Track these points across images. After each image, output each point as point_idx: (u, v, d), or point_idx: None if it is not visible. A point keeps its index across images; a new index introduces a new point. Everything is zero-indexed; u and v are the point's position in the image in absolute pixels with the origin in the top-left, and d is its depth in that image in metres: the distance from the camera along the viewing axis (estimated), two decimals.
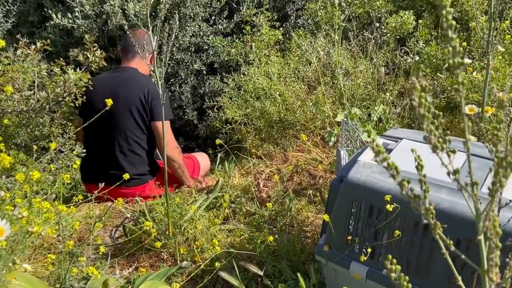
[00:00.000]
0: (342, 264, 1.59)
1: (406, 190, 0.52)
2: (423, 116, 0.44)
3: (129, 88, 2.63)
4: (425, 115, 0.44)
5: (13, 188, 1.92)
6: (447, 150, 0.49)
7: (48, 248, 2.07)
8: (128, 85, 2.64)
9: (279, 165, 2.87)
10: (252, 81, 3.19)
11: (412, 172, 1.06)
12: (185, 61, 3.82)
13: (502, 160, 0.42)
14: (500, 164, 0.43)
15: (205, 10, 3.73)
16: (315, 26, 3.55)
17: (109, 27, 3.62)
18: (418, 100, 0.43)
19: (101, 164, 2.72)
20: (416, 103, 0.43)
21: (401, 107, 2.79)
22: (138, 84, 2.64)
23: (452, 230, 1.32)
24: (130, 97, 2.61)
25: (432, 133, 0.45)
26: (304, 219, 2.32)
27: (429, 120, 0.44)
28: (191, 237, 2.13)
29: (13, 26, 3.76)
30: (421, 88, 0.44)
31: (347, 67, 2.99)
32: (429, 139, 0.46)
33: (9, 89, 1.75)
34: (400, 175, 0.52)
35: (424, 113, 0.43)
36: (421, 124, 0.44)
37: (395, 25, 2.99)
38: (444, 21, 0.46)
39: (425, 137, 0.46)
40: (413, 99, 0.43)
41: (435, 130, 0.45)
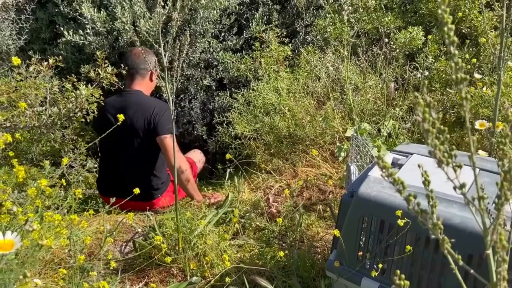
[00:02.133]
0: (353, 280, 1.58)
1: (413, 205, 0.52)
2: (427, 131, 0.44)
3: (134, 112, 2.70)
4: (429, 130, 0.44)
5: (25, 203, 1.93)
6: (454, 165, 0.49)
7: (58, 263, 2.08)
8: (133, 110, 2.71)
9: (288, 180, 2.87)
10: (261, 97, 3.21)
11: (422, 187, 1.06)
12: (195, 77, 3.85)
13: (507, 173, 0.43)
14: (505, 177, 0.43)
15: (215, 27, 3.77)
16: (324, 42, 3.58)
17: (120, 44, 3.66)
18: (422, 115, 0.44)
19: (114, 180, 2.82)
20: (420, 118, 0.44)
21: (411, 122, 2.79)
22: (142, 108, 2.71)
23: (463, 246, 1.32)
24: (136, 122, 2.70)
25: (437, 147, 0.46)
26: (314, 235, 2.31)
27: (433, 135, 0.45)
28: (201, 252, 2.13)
29: (25, 43, 3.83)
30: (425, 103, 0.44)
31: (356, 82, 3.00)
32: (434, 154, 0.46)
33: (23, 105, 1.78)
34: (406, 190, 0.52)
35: (428, 128, 0.44)
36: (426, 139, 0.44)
37: (404, 40, 3.00)
38: (446, 37, 0.47)
39: (430, 152, 0.47)
40: (417, 114, 0.44)
41: (440, 145, 0.45)
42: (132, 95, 2.78)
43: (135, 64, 2.77)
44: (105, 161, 2.90)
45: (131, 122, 2.69)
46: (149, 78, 2.84)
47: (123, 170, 2.79)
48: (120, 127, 2.40)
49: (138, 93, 2.79)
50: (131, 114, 2.69)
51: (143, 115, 2.70)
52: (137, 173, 2.79)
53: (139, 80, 2.81)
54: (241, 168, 2.83)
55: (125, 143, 2.75)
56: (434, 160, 0.50)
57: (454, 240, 0.53)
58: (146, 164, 2.79)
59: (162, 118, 2.69)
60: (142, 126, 2.70)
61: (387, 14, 3.40)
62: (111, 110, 2.75)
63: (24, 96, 2.59)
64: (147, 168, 2.80)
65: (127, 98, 2.77)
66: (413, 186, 1.25)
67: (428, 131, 0.44)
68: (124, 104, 2.73)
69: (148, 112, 2.69)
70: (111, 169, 2.86)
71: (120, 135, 2.61)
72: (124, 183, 2.67)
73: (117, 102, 2.78)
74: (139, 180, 2.69)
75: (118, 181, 2.78)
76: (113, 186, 2.79)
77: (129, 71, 2.80)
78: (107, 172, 2.87)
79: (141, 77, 2.81)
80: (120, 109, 2.67)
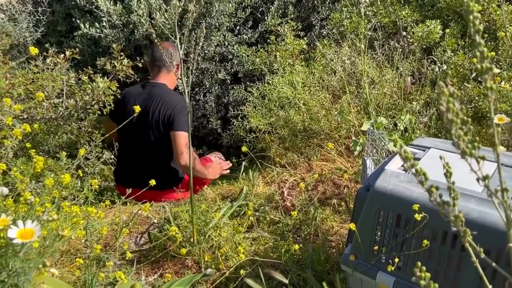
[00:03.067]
0: (368, 274, 1.57)
1: (435, 197, 0.51)
2: (451, 121, 0.44)
3: (158, 105, 2.75)
4: (453, 120, 0.43)
5: (42, 193, 1.95)
6: (477, 157, 0.48)
7: (74, 254, 2.10)
8: (157, 103, 2.75)
9: (303, 174, 2.86)
10: (276, 90, 3.21)
11: (440, 181, 1.04)
12: (209, 70, 3.85)
13: None
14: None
15: (230, 20, 3.77)
16: (339, 36, 3.55)
17: (136, 37, 3.68)
18: (446, 105, 0.43)
19: (131, 170, 2.88)
20: (444, 108, 0.43)
21: (428, 116, 2.76)
22: (165, 101, 2.76)
23: (481, 241, 1.30)
24: (158, 114, 2.74)
25: (461, 138, 0.45)
26: (329, 229, 2.31)
27: (457, 125, 0.44)
28: (216, 245, 2.14)
29: (42, 36, 3.86)
30: (449, 93, 0.44)
31: (373, 76, 2.98)
32: (458, 145, 0.46)
33: (41, 95, 1.80)
34: (428, 181, 0.52)
35: (452, 118, 0.43)
36: (449, 130, 0.43)
37: (421, 34, 2.97)
38: (471, 26, 0.46)
39: (453, 143, 0.46)
40: (441, 104, 0.43)
41: (463, 136, 0.45)
42: (157, 88, 2.82)
43: (163, 57, 2.74)
44: (123, 151, 2.95)
45: (153, 114, 2.74)
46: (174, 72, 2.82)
47: (141, 160, 2.84)
48: (141, 117, 2.47)
49: (163, 86, 2.84)
50: (154, 106, 2.74)
51: (165, 109, 2.73)
52: (155, 163, 2.83)
53: (164, 74, 2.84)
54: (256, 161, 2.83)
55: (145, 134, 2.79)
56: (457, 152, 0.49)
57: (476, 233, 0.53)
58: (164, 155, 2.83)
59: (180, 115, 2.72)
60: (163, 119, 2.74)
61: (404, 7, 3.37)
62: (133, 100, 2.78)
63: (41, 88, 2.62)
64: (164, 159, 2.84)
65: (152, 90, 2.81)
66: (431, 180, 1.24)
67: (452, 121, 0.44)
68: (148, 95, 2.78)
69: (170, 107, 2.73)
70: (129, 159, 2.90)
71: (141, 125, 2.70)
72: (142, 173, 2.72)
73: (141, 93, 2.82)
74: (156, 171, 2.76)
75: (135, 171, 2.83)
76: (131, 176, 2.83)
77: (155, 63, 2.84)
78: (125, 162, 2.92)
79: (166, 70, 2.85)
80: (144, 100, 2.75)
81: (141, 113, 2.43)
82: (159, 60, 2.82)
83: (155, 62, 2.84)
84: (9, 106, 2.05)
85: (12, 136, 1.64)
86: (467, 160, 0.47)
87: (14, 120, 2.32)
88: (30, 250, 1.26)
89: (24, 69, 2.81)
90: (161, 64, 2.83)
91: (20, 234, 1.14)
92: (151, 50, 2.88)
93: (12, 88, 2.43)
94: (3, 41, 2.91)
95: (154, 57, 2.83)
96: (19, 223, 1.17)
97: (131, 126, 2.41)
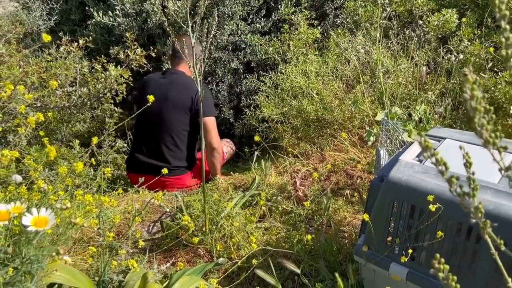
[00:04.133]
0: (381, 265, 1.56)
1: (455, 187, 0.50)
2: (475, 109, 0.42)
3: (178, 90, 2.88)
4: (477, 108, 0.42)
5: (55, 181, 1.96)
6: (498, 146, 0.47)
7: (87, 242, 2.11)
8: (178, 88, 2.89)
9: (316, 164, 2.85)
10: (289, 80, 3.18)
11: (456, 172, 1.03)
12: (222, 59, 3.83)
13: None
14: None
15: (243, 9, 3.74)
16: (354, 25, 3.51)
17: (149, 25, 3.67)
18: (470, 93, 0.41)
19: (147, 156, 2.94)
20: (468, 96, 0.42)
21: (443, 107, 2.72)
22: (186, 87, 2.89)
23: (496, 232, 1.28)
24: (179, 99, 2.87)
25: (484, 127, 0.43)
26: (341, 219, 2.29)
27: (481, 113, 0.42)
28: (228, 234, 2.14)
29: (55, 24, 3.87)
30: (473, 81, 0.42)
31: (387, 65, 2.94)
32: (481, 134, 0.44)
33: (54, 84, 1.80)
34: (449, 171, 0.50)
35: (476, 106, 0.42)
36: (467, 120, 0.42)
37: (437, 23, 2.92)
38: (497, 11, 0.44)
39: (476, 132, 0.44)
40: (464, 91, 0.41)
41: (487, 125, 0.43)
42: (177, 75, 2.94)
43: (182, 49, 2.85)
44: (140, 137, 3.02)
45: (173, 98, 2.86)
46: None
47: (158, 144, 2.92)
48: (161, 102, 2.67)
49: (182, 74, 2.96)
50: (176, 91, 2.87)
51: (188, 94, 2.86)
52: (171, 148, 2.92)
53: (184, 64, 2.96)
54: (268, 151, 2.82)
55: (165, 117, 2.88)
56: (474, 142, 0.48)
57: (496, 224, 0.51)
58: (180, 139, 2.93)
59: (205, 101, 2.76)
60: (187, 104, 2.86)
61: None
62: (153, 85, 2.89)
63: (54, 76, 2.62)
64: (180, 143, 2.94)
65: (173, 77, 2.93)
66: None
67: (476, 109, 0.42)
68: (169, 81, 2.90)
69: (193, 92, 2.85)
70: (145, 145, 2.96)
71: (161, 109, 2.82)
72: (157, 157, 2.87)
73: (162, 79, 2.93)
74: (171, 155, 2.90)
75: (150, 156, 2.91)
76: (145, 163, 2.90)
77: (176, 54, 2.97)
78: (140, 149, 2.98)
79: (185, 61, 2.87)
80: (164, 85, 2.87)
81: (161, 98, 2.76)
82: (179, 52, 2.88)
83: (176, 53, 2.96)
84: (23, 94, 2.06)
85: (26, 124, 1.64)
86: (489, 150, 0.45)
87: (28, 108, 2.34)
88: (43, 237, 1.26)
89: (38, 57, 2.82)
90: (181, 56, 2.88)
91: (34, 222, 1.15)
92: (172, 43, 3.03)
93: (25, 76, 2.44)
94: (17, 29, 2.92)
95: (174, 49, 2.96)
96: (33, 211, 1.17)
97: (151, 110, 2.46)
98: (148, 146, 2.94)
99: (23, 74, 2.41)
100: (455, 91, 2.81)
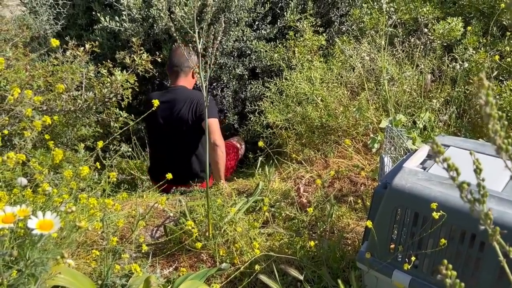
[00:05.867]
0: (384, 272, 1.56)
1: (466, 193, 0.50)
2: (489, 115, 0.42)
3: (181, 106, 2.98)
4: (491, 114, 0.42)
5: (60, 184, 1.97)
6: (511, 153, 0.47)
7: (90, 245, 2.11)
8: (180, 104, 2.99)
9: (319, 171, 2.85)
10: (294, 86, 3.19)
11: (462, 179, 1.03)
12: (227, 65, 3.85)
13: None
14: None
15: (249, 15, 3.75)
16: (359, 32, 3.52)
17: (155, 31, 3.68)
18: (485, 98, 0.42)
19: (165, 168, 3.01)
20: (483, 102, 0.42)
21: (448, 114, 2.72)
22: (189, 100, 2.99)
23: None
24: (184, 113, 2.97)
25: (498, 133, 0.43)
26: (345, 226, 2.29)
27: (495, 119, 0.42)
28: (231, 239, 2.14)
29: (62, 29, 3.89)
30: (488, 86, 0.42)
31: (392, 73, 2.94)
32: (494, 140, 0.44)
33: (61, 87, 1.81)
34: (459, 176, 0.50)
35: (490, 112, 0.42)
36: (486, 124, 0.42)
37: (442, 31, 2.93)
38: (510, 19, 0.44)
39: (490, 138, 0.44)
40: (479, 97, 0.41)
41: (500, 131, 0.43)
42: (178, 91, 3.03)
43: (179, 62, 3.02)
44: (155, 152, 3.20)
45: (179, 114, 2.97)
46: (191, 75, 3.11)
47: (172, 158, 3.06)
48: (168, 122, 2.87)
49: (183, 88, 3.05)
50: (179, 107, 2.97)
51: (190, 106, 2.96)
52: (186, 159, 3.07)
53: (182, 77, 3.05)
54: (272, 157, 2.82)
55: (173, 134, 3.02)
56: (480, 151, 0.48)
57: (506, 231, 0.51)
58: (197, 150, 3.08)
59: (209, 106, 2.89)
60: (191, 116, 2.96)
61: (425, 4, 3.32)
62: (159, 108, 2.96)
63: (60, 80, 2.63)
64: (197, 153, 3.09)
65: (174, 94, 3.02)
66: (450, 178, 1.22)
67: (490, 115, 0.42)
68: (173, 99, 2.99)
69: (194, 103, 2.96)
70: (161, 159, 3.12)
71: (169, 127, 2.98)
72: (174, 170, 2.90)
73: (165, 98, 3.01)
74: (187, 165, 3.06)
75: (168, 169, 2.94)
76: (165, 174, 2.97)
77: (173, 68, 3.05)
78: (158, 162, 3.15)
79: (184, 74, 3.07)
80: (169, 103, 2.97)
81: (168, 118, 2.94)
82: (176, 66, 3.04)
83: (172, 67, 3.05)
84: (29, 98, 2.07)
85: (31, 128, 1.65)
86: (502, 157, 0.45)
87: (34, 112, 2.35)
88: (47, 240, 1.26)
89: (44, 61, 2.83)
90: (178, 70, 3.05)
91: (39, 225, 1.15)
92: (169, 58, 3.09)
93: (32, 80, 2.44)
94: (24, 33, 2.93)
95: (171, 63, 3.04)
96: (38, 214, 1.17)
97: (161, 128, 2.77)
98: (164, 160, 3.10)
99: (29, 78, 2.42)
100: (459, 99, 2.81)
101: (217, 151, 2.95)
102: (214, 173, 3.00)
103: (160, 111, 2.85)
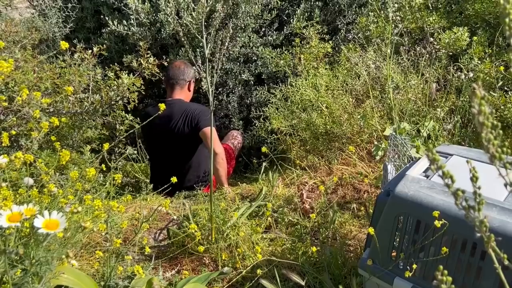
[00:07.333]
0: (386, 279, 1.56)
1: (461, 201, 0.51)
2: (482, 124, 0.43)
3: (179, 118, 3.04)
4: (484, 123, 0.43)
5: (65, 185, 1.99)
6: (505, 162, 0.48)
7: (94, 246, 2.13)
8: (178, 116, 3.04)
9: (323, 177, 2.86)
10: (299, 93, 3.21)
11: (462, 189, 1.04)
12: (233, 71, 3.87)
13: None
14: None
15: (256, 22, 3.78)
16: (365, 40, 3.54)
17: (163, 35, 3.71)
18: (478, 108, 0.43)
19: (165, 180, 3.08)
20: (476, 111, 0.43)
21: (452, 124, 2.73)
22: (185, 113, 3.04)
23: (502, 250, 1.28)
24: (179, 127, 3.03)
25: (491, 142, 0.45)
26: (347, 233, 2.30)
27: (488, 128, 0.44)
28: (233, 244, 2.15)
29: (70, 32, 3.92)
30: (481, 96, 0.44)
31: (397, 81, 2.95)
32: (487, 148, 0.45)
33: (69, 89, 1.83)
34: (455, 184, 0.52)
35: (483, 121, 0.43)
36: (476, 137, 0.43)
37: (448, 41, 2.94)
38: (506, 29, 0.46)
39: (483, 147, 0.46)
40: (473, 106, 0.43)
41: (493, 140, 0.45)
42: (175, 104, 3.06)
43: (175, 75, 3.08)
44: (155, 165, 3.26)
45: (176, 127, 3.02)
46: (187, 88, 3.16)
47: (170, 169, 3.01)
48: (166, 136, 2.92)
49: (179, 101, 3.10)
50: (176, 120, 3.02)
51: (187, 118, 3.01)
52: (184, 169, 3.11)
53: (178, 90, 3.11)
54: (276, 163, 2.84)
55: (172, 147, 3.07)
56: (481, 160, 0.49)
57: (500, 239, 0.52)
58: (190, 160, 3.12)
59: (203, 115, 3.01)
60: (186, 129, 3.01)
61: (431, 13, 3.34)
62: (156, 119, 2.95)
63: (67, 83, 2.66)
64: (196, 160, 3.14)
65: (171, 107, 3.02)
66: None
67: (484, 124, 0.43)
68: (169, 113, 3.00)
69: (189, 115, 3.01)
70: (160, 171, 3.17)
71: (167, 140, 3.03)
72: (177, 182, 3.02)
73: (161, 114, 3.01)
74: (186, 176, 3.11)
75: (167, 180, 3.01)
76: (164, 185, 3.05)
77: (169, 81, 3.11)
78: (157, 174, 3.19)
79: (180, 87, 3.12)
80: (166, 117, 2.99)
81: (165, 132, 3.00)
82: (172, 79, 3.09)
83: (169, 80, 3.11)
84: (37, 100, 2.09)
85: (38, 129, 1.67)
86: (496, 165, 0.46)
87: (41, 113, 2.37)
88: (53, 240, 1.28)
89: (52, 64, 2.86)
90: (174, 82, 3.10)
91: (45, 224, 1.16)
92: (166, 71, 3.13)
93: (39, 82, 2.47)
94: (33, 36, 2.97)
95: (168, 76, 3.10)
96: (44, 213, 1.19)
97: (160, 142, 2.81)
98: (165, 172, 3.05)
99: (37, 80, 2.45)
100: (464, 109, 2.82)
101: (217, 158, 2.98)
102: (216, 180, 3.02)
103: (157, 125, 2.94)
